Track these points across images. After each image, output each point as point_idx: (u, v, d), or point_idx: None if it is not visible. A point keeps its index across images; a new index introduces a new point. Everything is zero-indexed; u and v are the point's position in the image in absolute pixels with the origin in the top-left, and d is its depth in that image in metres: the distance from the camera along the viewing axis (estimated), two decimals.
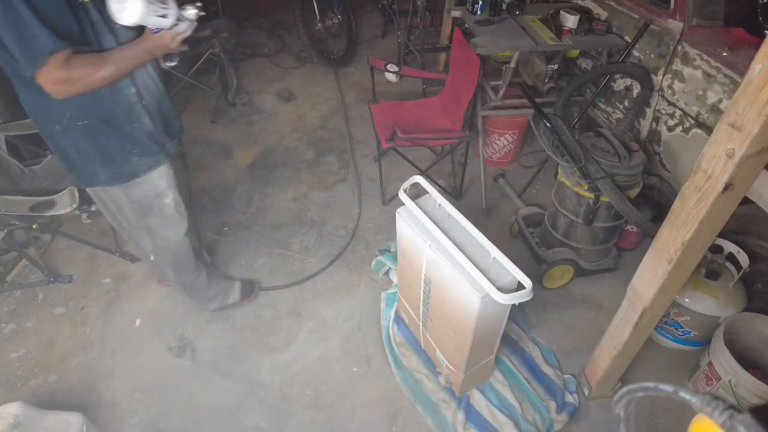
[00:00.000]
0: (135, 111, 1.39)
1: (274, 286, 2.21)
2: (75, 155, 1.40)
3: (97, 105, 1.31)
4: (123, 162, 1.44)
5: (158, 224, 1.65)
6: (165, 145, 1.53)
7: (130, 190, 1.52)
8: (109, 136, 1.38)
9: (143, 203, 1.57)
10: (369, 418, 1.75)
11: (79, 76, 1.16)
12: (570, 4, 2.54)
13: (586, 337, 2.01)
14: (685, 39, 1.94)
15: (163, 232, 1.68)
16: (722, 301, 1.78)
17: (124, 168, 1.45)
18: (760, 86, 0.92)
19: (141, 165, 1.48)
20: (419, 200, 1.53)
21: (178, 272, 1.84)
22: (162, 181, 1.57)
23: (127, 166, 1.45)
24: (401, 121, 2.56)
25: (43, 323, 2.08)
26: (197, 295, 1.98)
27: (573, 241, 2.12)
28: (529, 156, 2.97)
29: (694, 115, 1.91)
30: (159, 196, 1.59)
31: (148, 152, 1.48)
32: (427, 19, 3.89)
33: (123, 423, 1.74)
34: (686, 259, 1.26)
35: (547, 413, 1.71)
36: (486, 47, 2.17)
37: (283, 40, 4.32)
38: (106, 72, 1.20)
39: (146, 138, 1.45)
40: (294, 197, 2.73)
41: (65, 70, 1.12)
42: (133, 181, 1.49)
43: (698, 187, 1.13)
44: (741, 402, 1.61)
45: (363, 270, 2.30)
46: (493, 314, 1.39)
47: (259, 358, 1.94)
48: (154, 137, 1.48)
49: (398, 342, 1.93)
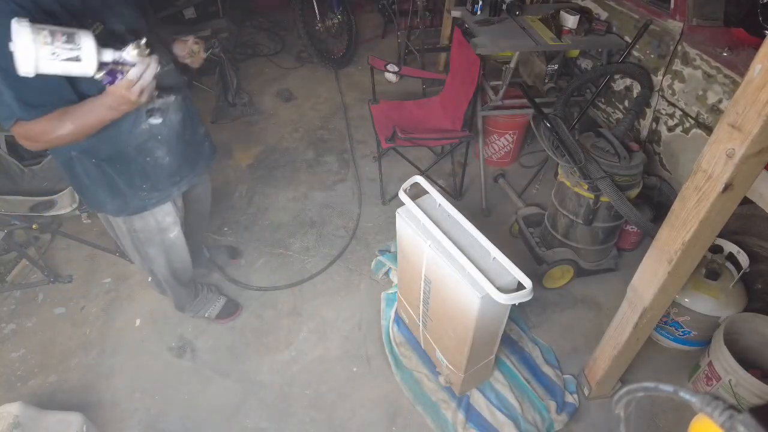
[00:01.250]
0: (147, 147, 1.35)
1: (276, 287, 2.21)
2: (86, 181, 1.37)
3: (104, 145, 1.28)
4: (131, 196, 1.41)
5: (157, 254, 1.64)
6: (182, 180, 1.50)
7: (133, 221, 1.50)
8: (118, 171, 1.35)
9: (145, 235, 1.55)
10: (369, 418, 1.75)
11: (38, 133, 1.11)
12: (570, 4, 2.54)
13: (586, 337, 2.01)
14: (685, 39, 1.94)
15: (160, 260, 1.66)
16: (722, 301, 1.78)
17: (132, 201, 1.43)
18: (760, 86, 0.92)
19: (150, 200, 1.45)
20: (419, 200, 1.52)
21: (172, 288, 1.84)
22: (168, 217, 1.55)
23: (135, 200, 1.42)
24: (401, 121, 2.56)
25: (43, 323, 2.08)
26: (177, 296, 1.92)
27: (573, 241, 2.12)
28: (529, 156, 2.97)
29: (694, 115, 1.91)
30: (162, 231, 1.57)
31: (159, 187, 1.45)
32: (427, 19, 3.89)
33: (123, 423, 1.74)
34: (686, 259, 1.26)
35: (547, 413, 1.71)
36: (486, 47, 2.17)
37: (283, 40, 4.32)
38: (64, 130, 1.11)
39: (159, 172, 1.42)
40: (294, 197, 2.73)
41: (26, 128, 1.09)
42: (138, 215, 1.47)
43: (698, 187, 1.13)
44: (741, 402, 1.61)
45: (363, 270, 2.30)
46: (493, 314, 1.39)
47: (259, 358, 1.94)
48: (169, 170, 1.44)
49: (398, 342, 1.93)
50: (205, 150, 1.60)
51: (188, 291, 1.92)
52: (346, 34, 4.08)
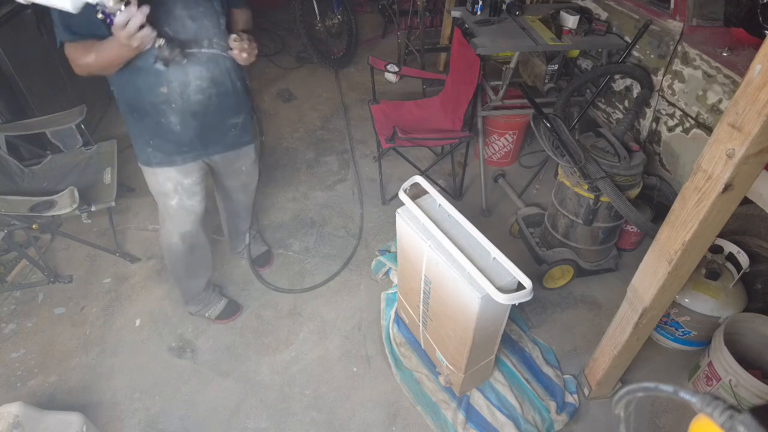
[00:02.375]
0: (161, 109, 1.46)
1: (278, 288, 2.21)
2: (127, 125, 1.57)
3: (127, 91, 1.44)
4: (142, 146, 1.56)
5: (163, 217, 1.74)
6: (189, 152, 1.59)
7: (145, 173, 1.63)
8: (136, 119, 1.51)
9: (152, 191, 1.68)
10: (369, 418, 1.75)
11: (73, 57, 1.32)
12: (570, 4, 2.54)
13: (586, 337, 2.01)
14: (685, 39, 1.94)
15: (167, 226, 1.74)
16: (722, 302, 1.78)
17: (141, 152, 1.58)
18: (760, 86, 0.92)
19: (154, 157, 1.57)
20: (419, 200, 1.53)
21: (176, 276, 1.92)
22: (169, 183, 1.62)
23: (143, 153, 1.57)
24: (401, 121, 2.56)
25: (43, 323, 2.08)
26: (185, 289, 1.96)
27: (573, 242, 2.12)
28: (529, 156, 2.97)
29: (694, 116, 1.91)
30: (162, 195, 1.66)
31: (163, 149, 1.55)
32: (427, 19, 3.89)
33: (123, 423, 1.74)
34: (686, 259, 1.26)
35: (548, 413, 1.71)
36: (486, 47, 2.17)
37: (283, 40, 4.33)
38: (90, 59, 1.30)
39: (167, 136, 1.52)
40: (294, 197, 2.73)
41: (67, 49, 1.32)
42: (145, 167, 1.61)
43: (698, 188, 1.13)
44: (741, 402, 1.61)
45: (363, 270, 2.30)
46: (493, 314, 1.39)
47: (259, 358, 1.94)
48: (177, 139, 1.54)
49: (398, 342, 1.93)
50: (227, 139, 1.66)
51: (197, 283, 1.94)
52: (346, 34, 4.08)
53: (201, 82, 1.46)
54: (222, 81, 1.51)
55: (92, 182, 2.17)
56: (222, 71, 1.50)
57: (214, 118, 1.56)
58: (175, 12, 1.35)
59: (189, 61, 1.41)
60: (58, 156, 2.32)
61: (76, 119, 2.20)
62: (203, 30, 1.41)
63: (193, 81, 1.45)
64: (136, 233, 2.49)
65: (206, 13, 1.41)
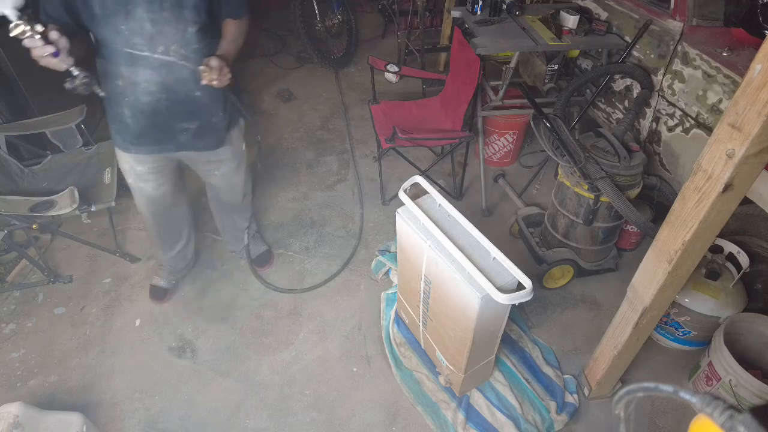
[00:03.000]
0: (117, 99, 1.51)
1: (279, 288, 2.21)
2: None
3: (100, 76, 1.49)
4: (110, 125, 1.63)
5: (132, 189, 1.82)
6: (140, 145, 1.63)
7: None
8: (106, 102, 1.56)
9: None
10: (369, 418, 1.75)
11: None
12: (570, 4, 2.54)
13: (586, 337, 2.01)
14: (685, 39, 1.94)
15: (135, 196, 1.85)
16: (722, 302, 1.78)
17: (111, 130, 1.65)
18: (760, 86, 0.92)
19: (114, 139, 1.66)
20: (419, 200, 1.53)
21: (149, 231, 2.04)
22: (125, 164, 1.72)
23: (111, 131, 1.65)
24: (401, 121, 2.56)
25: (43, 323, 2.08)
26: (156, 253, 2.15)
27: (573, 241, 2.12)
28: (529, 156, 2.97)
29: (694, 116, 1.91)
30: (124, 171, 1.76)
31: (120, 135, 1.62)
32: (427, 19, 3.89)
33: (123, 423, 1.74)
34: (686, 259, 1.26)
35: (548, 413, 1.71)
36: (486, 47, 2.17)
37: (283, 40, 4.32)
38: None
39: (122, 125, 1.58)
40: (294, 197, 2.73)
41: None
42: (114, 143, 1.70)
43: (698, 188, 1.13)
44: (741, 402, 1.61)
45: (363, 270, 2.30)
46: (493, 314, 1.39)
47: (259, 358, 1.94)
48: (130, 130, 1.58)
49: (398, 342, 1.93)
50: (179, 141, 1.65)
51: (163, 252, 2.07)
52: (346, 34, 4.08)
53: (149, 85, 1.46)
54: (175, 88, 1.49)
55: (92, 182, 2.17)
56: (176, 80, 1.47)
57: (164, 119, 1.56)
58: (137, 13, 1.33)
59: (140, 64, 1.41)
60: (58, 156, 2.31)
61: (76, 119, 2.20)
62: (161, 36, 1.38)
63: (141, 83, 1.45)
64: (136, 233, 2.49)
65: (170, 20, 1.37)
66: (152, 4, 1.33)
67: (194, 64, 1.44)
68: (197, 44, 1.44)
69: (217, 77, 1.41)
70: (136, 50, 1.39)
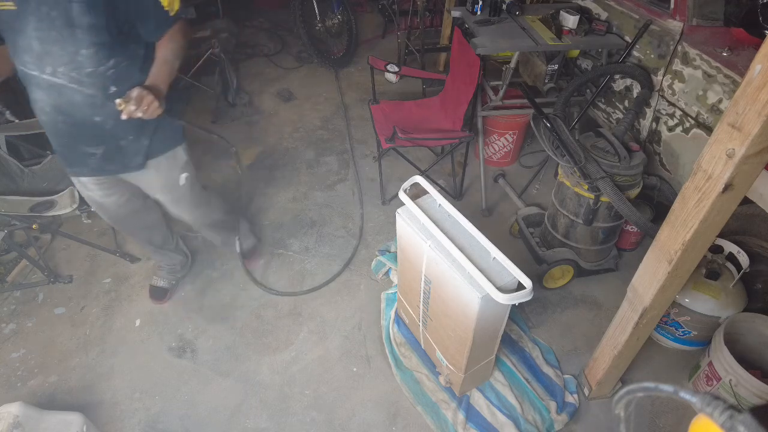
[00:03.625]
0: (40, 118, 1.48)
1: (280, 292, 2.21)
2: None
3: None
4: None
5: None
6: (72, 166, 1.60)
7: None
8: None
9: None
10: (369, 418, 1.75)
11: None
12: (570, 4, 2.54)
13: (586, 337, 2.01)
14: (685, 39, 1.94)
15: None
16: (722, 302, 1.77)
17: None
18: (760, 86, 0.92)
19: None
20: (419, 200, 1.52)
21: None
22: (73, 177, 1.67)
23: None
24: (401, 121, 2.56)
25: (43, 323, 2.08)
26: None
27: (573, 241, 2.12)
28: (529, 156, 2.97)
29: (694, 116, 1.91)
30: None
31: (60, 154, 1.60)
32: (427, 19, 3.89)
33: (123, 423, 1.74)
34: (686, 259, 1.26)
35: (548, 413, 1.71)
36: (486, 47, 2.17)
37: (283, 40, 4.33)
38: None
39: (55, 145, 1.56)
40: (294, 197, 2.73)
41: None
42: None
43: (698, 188, 1.13)
44: (741, 402, 1.61)
45: (363, 270, 2.30)
46: (493, 314, 1.39)
47: (259, 358, 1.94)
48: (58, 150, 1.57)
49: (398, 342, 1.93)
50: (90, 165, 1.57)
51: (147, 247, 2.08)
52: (346, 34, 4.08)
53: (44, 106, 1.41)
54: (70, 112, 1.41)
55: None
56: (69, 103, 1.39)
57: (68, 142, 1.53)
58: (26, 30, 1.27)
59: (33, 83, 1.36)
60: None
61: None
62: (48, 56, 1.30)
63: (38, 102, 1.41)
64: None
65: (58, 41, 1.27)
66: (41, 22, 1.25)
67: (93, 88, 1.37)
68: (92, 67, 1.33)
69: (138, 109, 1.32)
70: (27, 69, 1.33)
